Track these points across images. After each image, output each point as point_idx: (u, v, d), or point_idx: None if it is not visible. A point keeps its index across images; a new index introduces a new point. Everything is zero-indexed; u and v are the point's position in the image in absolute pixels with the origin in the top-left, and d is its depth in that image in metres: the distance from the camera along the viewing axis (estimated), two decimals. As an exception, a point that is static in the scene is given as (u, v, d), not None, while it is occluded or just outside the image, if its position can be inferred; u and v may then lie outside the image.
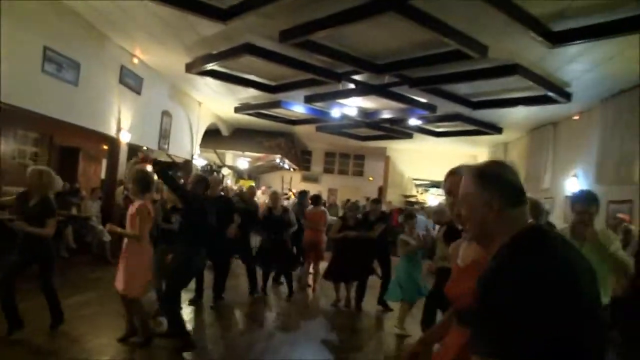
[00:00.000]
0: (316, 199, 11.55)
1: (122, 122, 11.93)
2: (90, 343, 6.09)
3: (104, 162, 14.24)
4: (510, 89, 11.67)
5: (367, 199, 20.75)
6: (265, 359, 6.44)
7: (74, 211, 11.66)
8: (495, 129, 16.14)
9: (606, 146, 11.17)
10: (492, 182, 2.00)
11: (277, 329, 7.96)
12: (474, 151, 22.40)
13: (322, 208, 11.61)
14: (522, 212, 1.99)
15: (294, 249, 11.14)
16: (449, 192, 2.76)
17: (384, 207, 13.41)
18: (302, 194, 13.12)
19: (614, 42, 8.10)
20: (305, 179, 25.57)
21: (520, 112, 13.64)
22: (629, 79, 9.95)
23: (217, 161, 23.41)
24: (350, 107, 15.25)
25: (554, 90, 10.85)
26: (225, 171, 23.07)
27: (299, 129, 20.79)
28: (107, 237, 11.20)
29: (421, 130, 17.67)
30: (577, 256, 1.85)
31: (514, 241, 1.86)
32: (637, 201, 10.17)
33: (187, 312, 7.84)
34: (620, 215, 9.89)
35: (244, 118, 18.46)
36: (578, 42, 8.07)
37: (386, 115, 15.99)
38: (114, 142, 12.15)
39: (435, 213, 8.78)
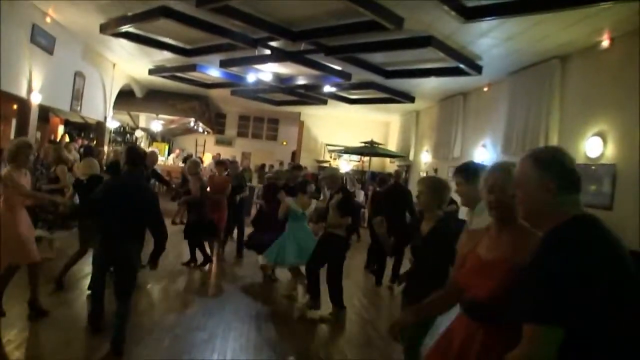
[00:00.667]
0: (217, 164, 11.40)
1: (33, 82, 11.46)
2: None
3: (14, 122, 13.82)
4: (424, 60, 11.93)
5: (281, 162, 21.04)
6: (176, 332, 6.27)
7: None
8: (407, 97, 16.45)
9: (513, 117, 11.61)
10: (550, 165, 2.10)
11: (191, 299, 7.98)
12: (386, 118, 22.94)
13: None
14: (576, 200, 2.09)
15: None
16: (491, 190, 2.70)
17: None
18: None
19: (522, 19, 8.45)
20: (219, 142, 25.33)
21: (431, 82, 13.98)
22: (535, 54, 10.41)
23: (131, 123, 23.03)
24: (265, 72, 15.21)
25: (465, 63, 11.15)
26: (138, 133, 22.75)
27: (214, 93, 20.56)
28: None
29: (335, 97, 17.82)
30: (620, 242, 2.03)
31: (572, 222, 2.00)
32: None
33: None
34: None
35: (158, 80, 18.03)
36: (489, 18, 8.35)
37: (301, 81, 16.01)
38: (24, 103, 11.69)
39: (326, 179, 8.56)
